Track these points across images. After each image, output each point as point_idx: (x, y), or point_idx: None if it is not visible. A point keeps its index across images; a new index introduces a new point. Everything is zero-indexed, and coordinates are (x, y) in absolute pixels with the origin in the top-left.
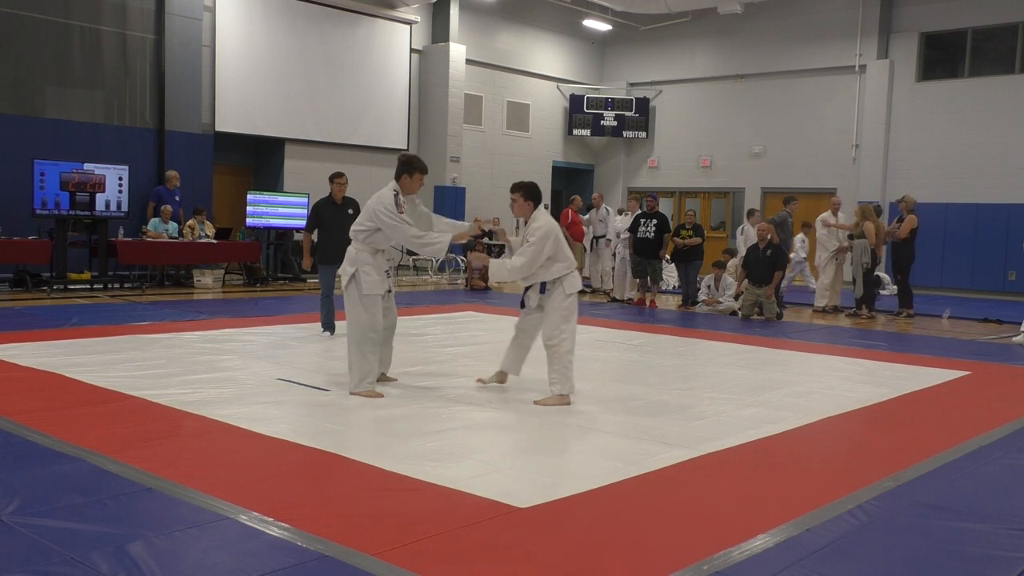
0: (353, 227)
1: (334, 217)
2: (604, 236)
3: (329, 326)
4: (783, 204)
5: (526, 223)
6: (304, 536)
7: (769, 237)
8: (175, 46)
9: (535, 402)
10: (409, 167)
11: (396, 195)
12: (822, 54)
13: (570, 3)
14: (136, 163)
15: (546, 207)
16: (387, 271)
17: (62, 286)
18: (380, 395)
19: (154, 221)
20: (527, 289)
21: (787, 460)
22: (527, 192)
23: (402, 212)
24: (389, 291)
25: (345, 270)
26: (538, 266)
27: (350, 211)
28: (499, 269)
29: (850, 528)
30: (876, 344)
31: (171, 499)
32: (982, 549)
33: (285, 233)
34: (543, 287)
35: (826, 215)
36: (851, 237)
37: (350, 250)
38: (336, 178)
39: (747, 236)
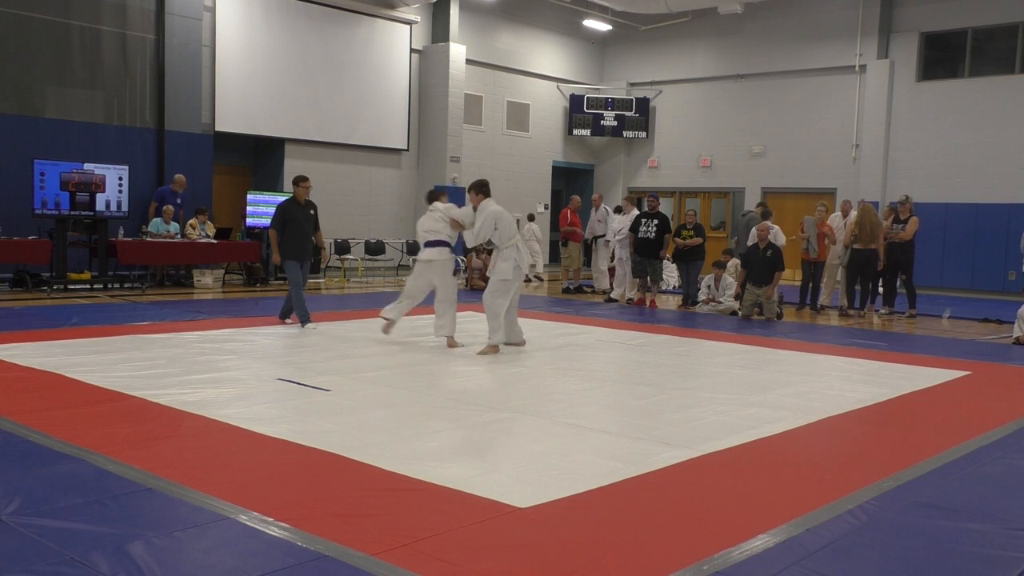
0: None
1: (299, 216)
2: (603, 236)
3: (306, 318)
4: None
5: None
6: (304, 536)
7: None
8: (175, 46)
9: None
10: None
11: None
12: (822, 54)
13: (570, 3)
14: (136, 163)
15: (545, 207)
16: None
17: (62, 286)
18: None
19: (156, 221)
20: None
21: (787, 460)
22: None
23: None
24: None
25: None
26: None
27: (311, 211)
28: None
29: (850, 528)
30: (876, 344)
31: (171, 499)
32: (982, 549)
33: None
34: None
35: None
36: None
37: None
38: (302, 181)
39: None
